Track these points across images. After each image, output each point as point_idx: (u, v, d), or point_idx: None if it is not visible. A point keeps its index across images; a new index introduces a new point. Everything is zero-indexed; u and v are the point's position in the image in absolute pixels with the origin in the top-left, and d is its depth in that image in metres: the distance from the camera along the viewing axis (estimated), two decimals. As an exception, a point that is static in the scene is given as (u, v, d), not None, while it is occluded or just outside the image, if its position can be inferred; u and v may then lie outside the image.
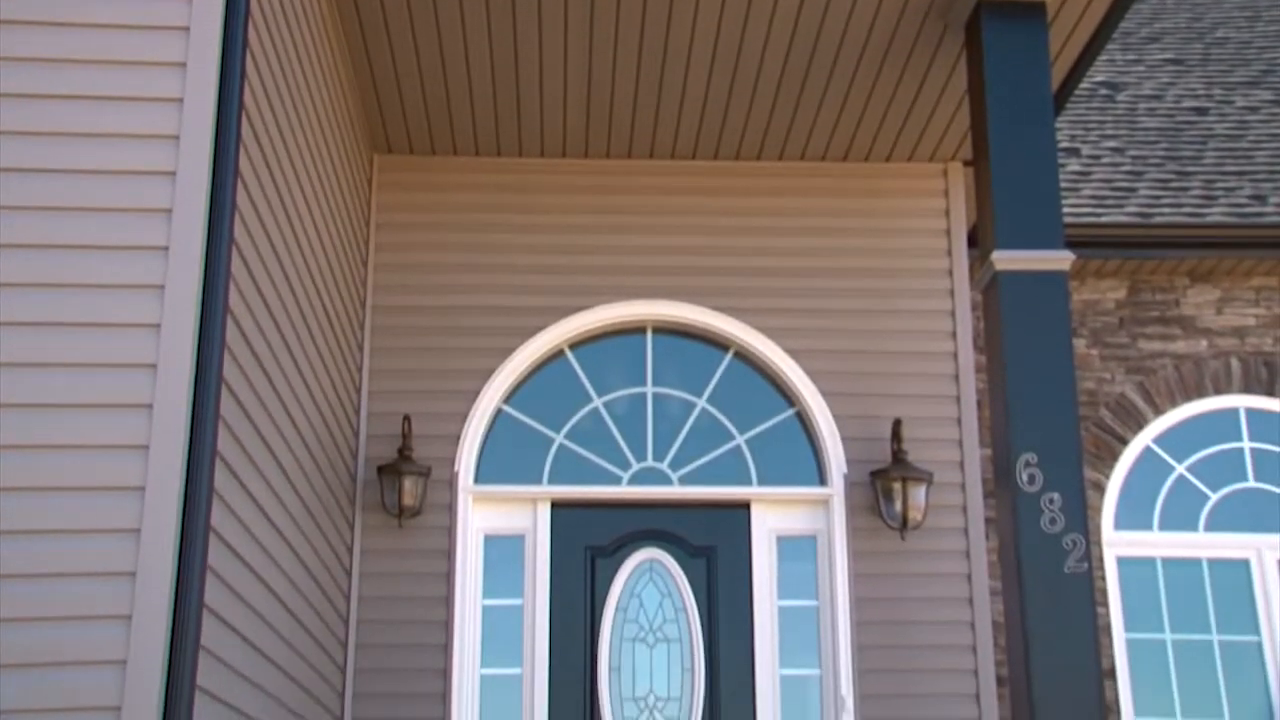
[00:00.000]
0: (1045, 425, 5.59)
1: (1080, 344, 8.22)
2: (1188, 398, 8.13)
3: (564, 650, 7.00)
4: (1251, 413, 8.16)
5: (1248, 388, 8.14)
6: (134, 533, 4.00)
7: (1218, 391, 8.15)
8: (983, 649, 6.91)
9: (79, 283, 4.21)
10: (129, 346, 4.16)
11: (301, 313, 5.63)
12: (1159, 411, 8.12)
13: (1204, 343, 8.27)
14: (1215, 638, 7.78)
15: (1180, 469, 8.06)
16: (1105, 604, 7.70)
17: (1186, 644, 7.76)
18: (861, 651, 6.91)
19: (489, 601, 7.08)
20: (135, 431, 4.09)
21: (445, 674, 6.81)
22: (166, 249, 4.23)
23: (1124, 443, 8.06)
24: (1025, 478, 5.53)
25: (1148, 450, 8.10)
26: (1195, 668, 7.71)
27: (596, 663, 6.99)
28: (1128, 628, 7.78)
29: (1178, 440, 8.12)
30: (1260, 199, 8.47)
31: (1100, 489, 7.95)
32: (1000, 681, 7.26)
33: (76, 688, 3.89)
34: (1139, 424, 8.09)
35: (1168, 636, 7.79)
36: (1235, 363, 8.22)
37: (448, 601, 6.91)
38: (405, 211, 7.50)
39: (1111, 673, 7.56)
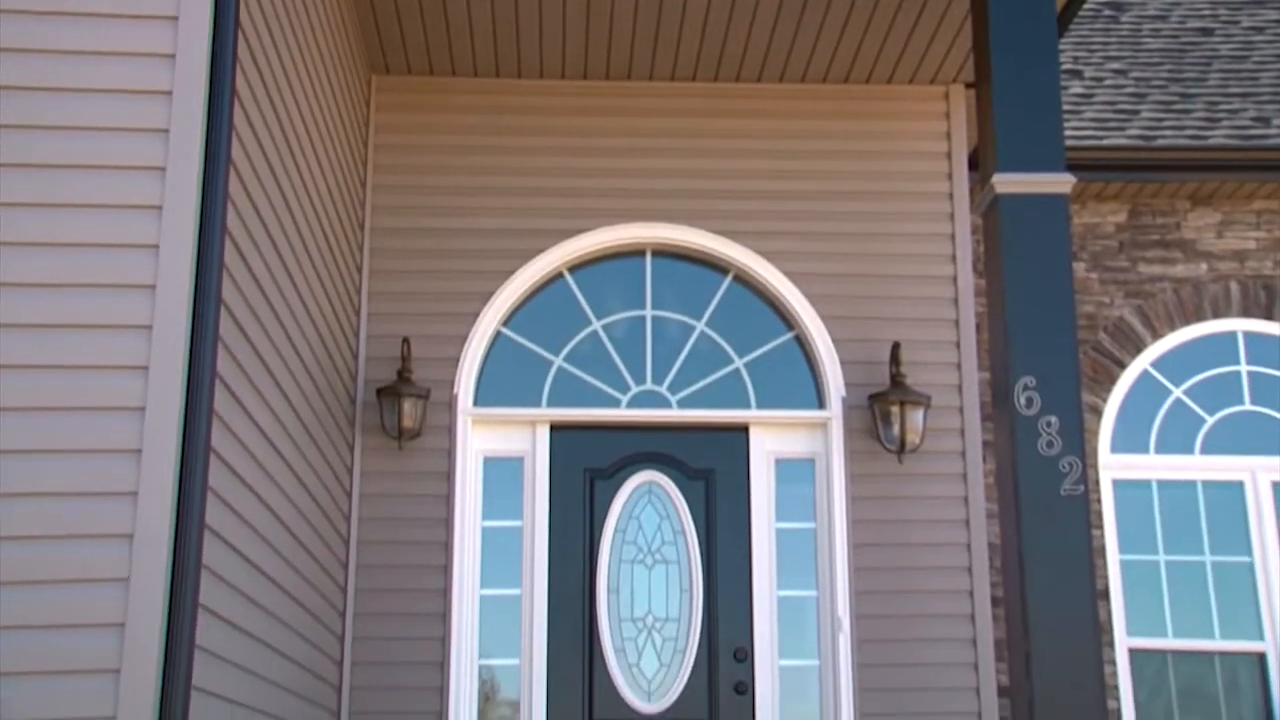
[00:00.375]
0: (1044, 349, 5.59)
1: (1080, 268, 8.21)
2: (1186, 321, 8.14)
3: (563, 571, 7.06)
4: (1250, 336, 8.17)
5: (1246, 311, 8.14)
6: (135, 453, 4.02)
7: (1216, 315, 8.15)
8: (978, 571, 6.97)
9: (77, 203, 4.19)
10: (127, 267, 4.15)
11: (300, 234, 5.62)
12: (1157, 335, 8.13)
13: (1204, 266, 8.26)
14: (1208, 559, 7.85)
15: (1177, 392, 8.09)
16: (1100, 526, 7.76)
17: (1179, 565, 7.83)
18: (858, 573, 6.97)
19: (488, 523, 7.12)
20: (135, 352, 4.09)
21: (445, 594, 6.87)
22: (163, 169, 4.21)
23: (1122, 366, 8.08)
24: (1023, 401, 5.54)
25: (1145, 374, 8.12)
26: (1187, 588, 7.79)
27: (595, 584, 7.06)
28: (1122, 549, 7.85)
29: (1175, 364, 8.13)
30: (1264, 121, 8.42)
31: (1097, 412, 7.98)
32: (995, 603, 7.33)
33: (79, 607, 3.92)
34: (1137, 348, 8.10)
35: (1161, 558, 7.86)
36: (1234, 286, 8.21)
37: (447, 523, 6.95)
38: (404, 133, 7.45)
39: (1105, 593, 7.63)
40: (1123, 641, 7.67)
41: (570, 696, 6.91)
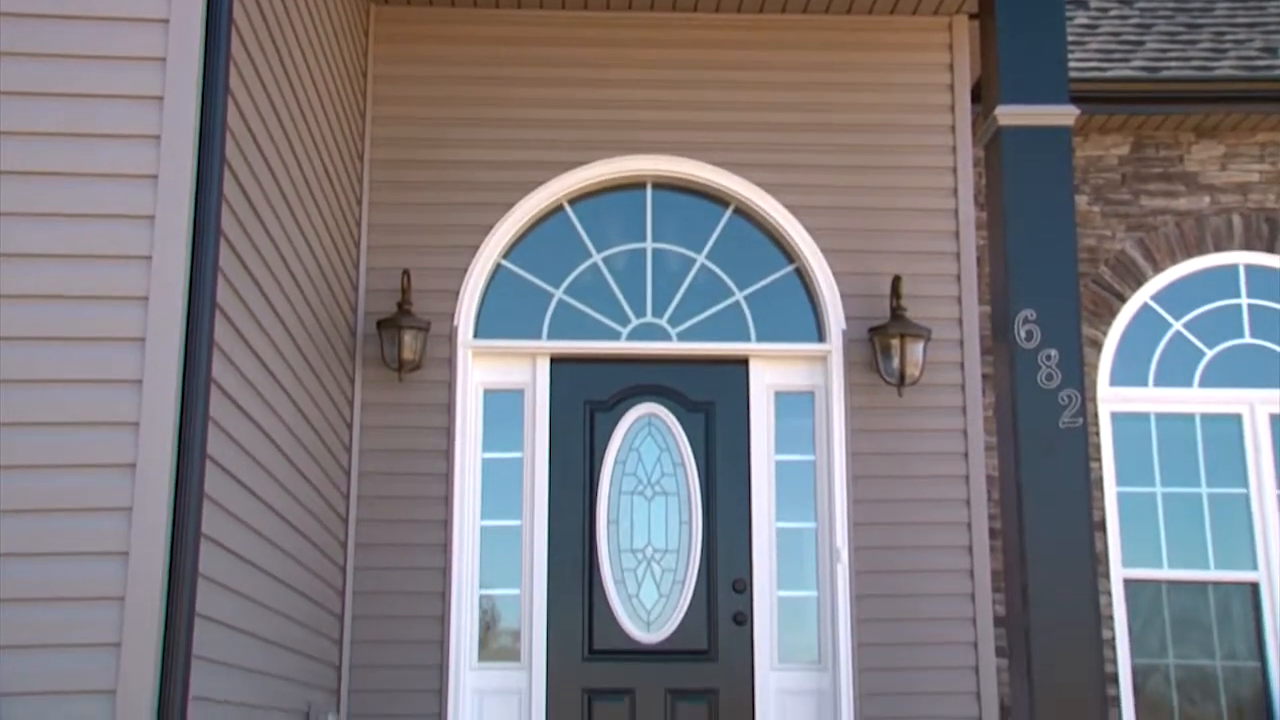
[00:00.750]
0: (1044, 282, 5.60)
1: (1082, 201, 8.18)
2: (1188, 254, 8.12)
3: (563, 503, 7.10)
4: (1251, 269, 8.16)
5: (1248, 244, 8.12)
6: (136, 384, 4.04)
7: (1218, 248, 8.14)
8: (976, 503, 7.00)
9: (74, 132, 4.18)
10: (126, 198, 4.15)
11: (299, 165, 5.60)
12: (1158, 268, 8.11)
13: (1206, 199, 8.23)
14: (1204, 491, 7.90)
15: (1177, 325, 8.09)
16: (1098, 459, 7.79)
17: (1176, 497, 7.88)
18: (857, 505, 7.01)
19: (489, 455, 7.15)
20: (134, 283, 4.09)
21: (446, 525, 6.91)
22: (161, 99, 4.20)
23: (1122, 300, 8.07)
24: (1023, 334, 5.56)
25: (1145, 307, 8.12)
26: (1183, 520, 7.84)
27: (595, 515, 7.10)
28: (1119, 481, 7.89)
29: (1176, 297, 8.13)
30: (1271, 51, 8.35)
31: (1097, 346, 7.99)
32: (993, 534, 7.38)
33: (84, 534, 3.96)
34: (1138, 281, 8.09)
35: (1158, 490, 7.90)
36: (1237, 219, 8.19)
37: (448, 454, 6.99)
38: (403, 64, 7.40)
39: (1102, 525, 7.68)
40: (1118, 572, 7.73)
41: (570, 626, 6.97)
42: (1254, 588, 7.75)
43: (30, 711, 3.82)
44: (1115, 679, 7.54)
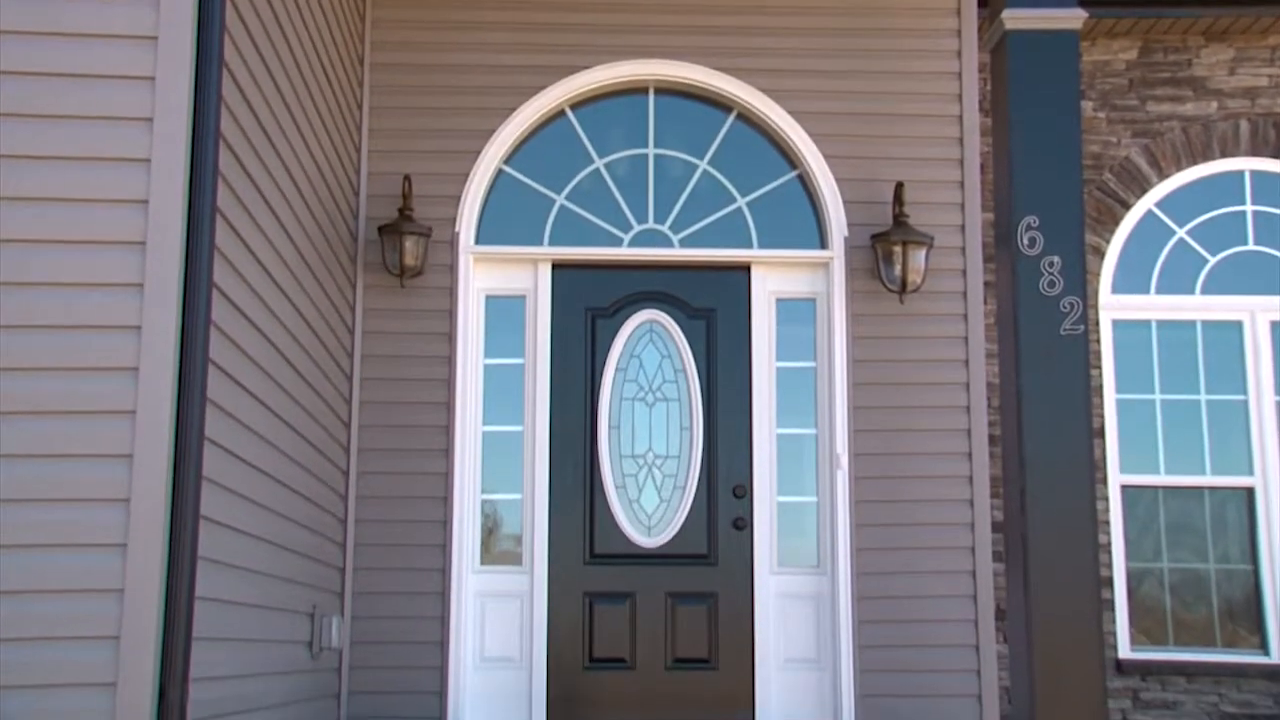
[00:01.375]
0: (1048, 188, 5.58)
1: (1088, 106, 8.11)
2: (1193, 161, 8.07)
3: (565, 409, 7.14)
4: (1257, 175, 8.10)
5: (1255, 150, 8.06)
6: (137, 287, 4.04)
7: (1224, 154, 8.08)
8: (976, 410, 7.03)
9: (69, 32, 4.14)
10: (124, 101, 4.12)
11: (298, 69, 5.55)
12: (1163, 175, 8.06)
13: (1214, 105, 8.15)
14: (1203, 397, 7.92)
15: (1181, 232, 8.06)
16: (1098, 366, 7.80)
17: (1175, 404, 7.91)
18: (857, 412, 7.04)
19: (490, 361, 7.18)
20: (134, 187, 4.08)
21: (448, 430, 6.95)
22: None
23: (1126, 207, 8.04)
24: (1026, 241, 5.55)
25: (1149, 214, 8.09)
26: (1181, 426, 7.88)
27: (597, 421, 7.14)
28: (1119, 389, 7.91)
29: (1180, 203, 8.09)
30: (1283, -46, 8.22)
31: (1100, 253, 7.96)
32: (993, 441, 7.42)
33: (87, 439, 3.98)
34: (1142, 188, 8.05)
35: (1157, 397, 7.93)
36: (1244, 125, 8.12)
37: (449, 360, 7.00)
38: (401, -35, 7.31)
39: (1101, 431, 7.71)
40: (1116, 478, 7.78)
41: (572, 531, 7.04)
42: (1249, 492, 7.81)
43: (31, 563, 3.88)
44: (1110, 583, 7.62)
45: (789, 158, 7.32)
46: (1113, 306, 7.96)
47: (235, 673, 4.76)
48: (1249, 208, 8.07)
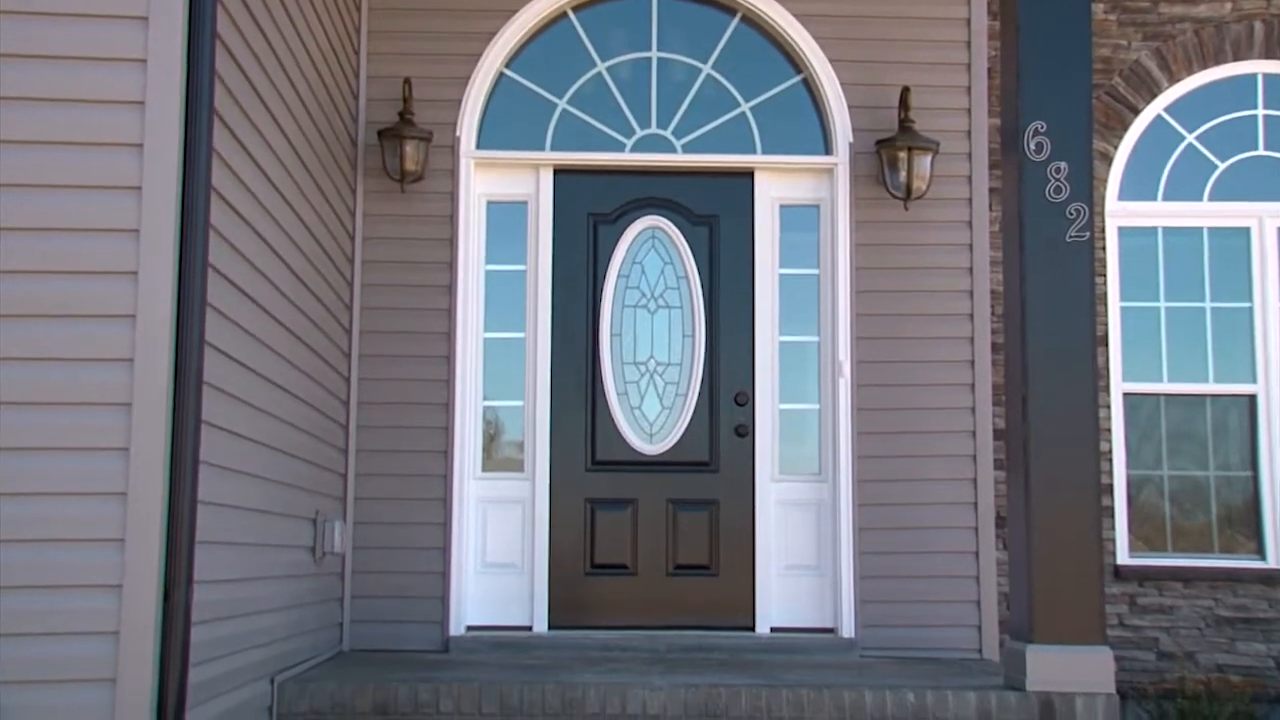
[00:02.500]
0: (1056, 93, 5.52)
1: (1098, 9, 7.98)
2: (1205, 64, 7.95)
3: (566, 315, 7.14)
4: (1270, 78, 7.99)
5: (1269, 52, 7.93)
6: (135, 190, 4.01)
7: (1237, 57, 7.95)
8: (980, 317, 7.04)
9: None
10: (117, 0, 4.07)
11: (294, -32, 5.47)
12: (1174, 79, 7.96)
13: (1228, 6, 8.00)
14: (1208, 305, 7.90)
15: (1190, 138, 7.98)
16: (1104, 273, 7.78)
17: (1180, 311, 7.89)
18: (860, 319, 7.04)
19: (491, 267, 7.16)
20: (129, 87, 4.04)
21: (449, 337, 6.95)
22: (152, -104, 4.08)
23: (1135, 112, 7.94)
24: (1033, 146, 5.50)
25: (1158, 119, 8.00)
26: (1186, 334, 7.87)
27: (598, 328, 7.14)
28: (1123, 296, 7.88)
29: (1190, 109, 7.99)
30: None
31: (1107, 159, 7.89)
32: (995, 349, 7.42)
33: (86, 343, 3.98)
34: (1152, 92, 7.95)
35: (1162, 304, 7.91)
36: (1258, 26, 7.98)
37: (450, 266, 6.99)
38: None
39: (1104, 339, 7.70)
40: (1118, 386, 7.79)
41: (573, 437, 7.07)
42: (1251, 400, 7.82)
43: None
44: (1110, 490, 7.66)
45: (794, 62, 7.24)
46: (1119, 213, 7.91)
47: (239, 576, 4.80)
48: (1260, 112, 7.98)
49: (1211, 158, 7.96)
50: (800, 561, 7.04)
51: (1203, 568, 7.65)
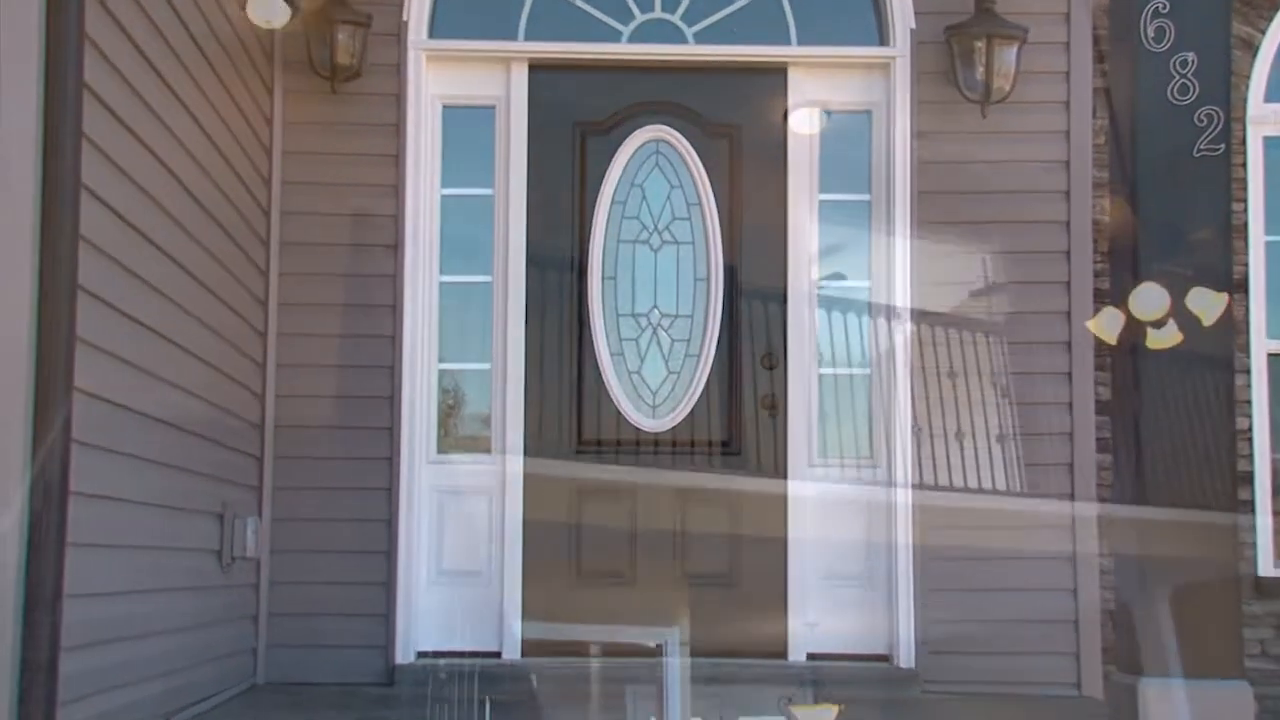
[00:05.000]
0: (1183, -38, 5.49)
1: None
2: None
3: (545, 254, 7.14)
4: None
5: None
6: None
7: None
8: (1079, 255, 7.06)
9: None
10: None
11: None
12: (1341, -63, 7.91)
13: None
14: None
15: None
16: (1243, 198, 7.73)
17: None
18: (923, 260, 7.04)
19: (449, 191, 7.18)
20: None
21: (395, 281, 6.95)
22: None
23: (1290, -16, 7.90)
24: (1151, 32, 5.46)
25: (1321, -8, 7.96)
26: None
27: (586, 270, 7.15)
28: (1269, 229, 7.84)
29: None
30: None
31: (1250, 48, 7.83)
32: (1099, 296, 7.36)
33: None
34: (1313, -42, 7.91)
35: (1321, 238, 7.89)
36: None
37: (396, 190, 6.99)
38: None
39: (1243, 284, 7.67)
40: (1261, 344, 7.73)
41: (553, 410, 7.10)
42: None
43: None
44: (1250, 480, 7.62)
45: (839, -77, 7.25)
46: (1265, 119, 7.86)
47: (124, 588, 4.83)
48: None
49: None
50: (845, 570, 7.09)
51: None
